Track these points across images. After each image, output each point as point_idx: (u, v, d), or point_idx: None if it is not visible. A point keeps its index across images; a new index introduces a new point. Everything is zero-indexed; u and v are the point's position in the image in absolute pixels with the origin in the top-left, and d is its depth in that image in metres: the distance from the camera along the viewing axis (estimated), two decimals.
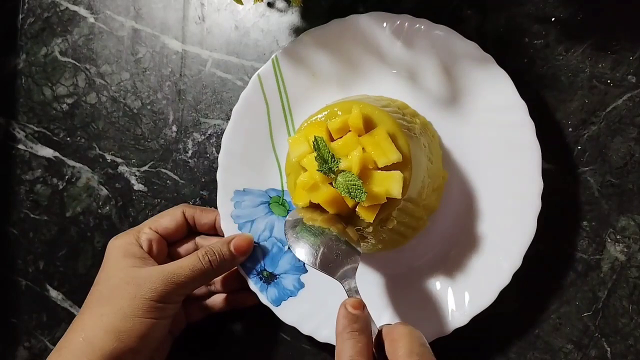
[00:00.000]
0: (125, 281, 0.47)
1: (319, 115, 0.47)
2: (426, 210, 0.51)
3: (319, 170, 0.44)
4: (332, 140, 0.45)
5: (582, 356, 0.52)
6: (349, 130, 0.45)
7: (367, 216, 0.44)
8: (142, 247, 0.51)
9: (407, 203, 0.47)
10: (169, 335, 0.53)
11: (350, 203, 0.44)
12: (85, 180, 0.61)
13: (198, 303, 0.56)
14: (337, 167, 0.43)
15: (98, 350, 0.45)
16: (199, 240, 0.55)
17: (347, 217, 0.46)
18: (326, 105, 0.49)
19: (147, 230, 0.53)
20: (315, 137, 0.44)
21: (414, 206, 0.49)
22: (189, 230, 0.55)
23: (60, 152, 0.62)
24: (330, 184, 0.44)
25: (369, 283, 0.53)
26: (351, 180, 0.42)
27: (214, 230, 0.55)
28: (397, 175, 0.43)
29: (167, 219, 0.54)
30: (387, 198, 0.43)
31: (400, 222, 0.48)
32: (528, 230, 0.49)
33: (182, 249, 0.55)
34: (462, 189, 0.52)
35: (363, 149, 0.44)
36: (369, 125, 0.45)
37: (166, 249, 0.54)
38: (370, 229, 0.46)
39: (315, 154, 0.44)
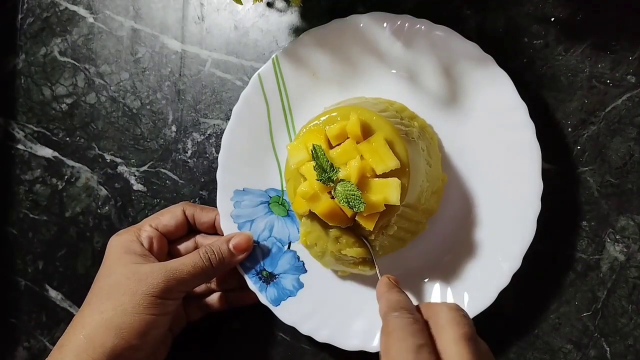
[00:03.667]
0: (126, 277, 0.48)
1: (317, 121, 0.47)
2: (425, 214, 0.51)
3: (318, 180, 0.44)
4: (331, 147, 0.46)
5: (582, 356, 0.52)
6: (348, 137, 0.45)
7: (367, 224, 0.44)
8: (142, 245, 0.51)
9: (406, 208, 0.47)
10: (169, 333, 0.53)
11: (349, 213, 0.44)
12: (84, 180, 0.61)
13: (198, 302, 0.56)
14: (336, 176, 0.44)
15: (99, 347, 0.45)
16: (199, 238, 0.55)
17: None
18: (324, 110, 0.49)
19: (148, 227, 0.53)
20: (313, 145, 0.44)
21: (413, 211, 0.49)
22: (189, 229, 0.56)
23: (60, 152, 0.62)
24: (329, 192, 0.45)
25: (369, 285, 0.53)
26: (350, 190, 0.43)
27: (213, 229, 0.55)
28: (394, 182, 0.43)
29: (168, 217, 0.54)
30: (385, 205, 0.44)
31: (399, 227, 0.48)
32: (527, 232, 0.49)
33: (182, 247, 0.55)
34: (462, 191, 0.52)
35: (361, 156, 0.44)
36: (367, 132, 0.45)
37: (166, 246, 0.54)
38: (372, 236, 0.46)
39: (314, 163, 0.44)
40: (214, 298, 0.56)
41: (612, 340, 0.52)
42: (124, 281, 0.47)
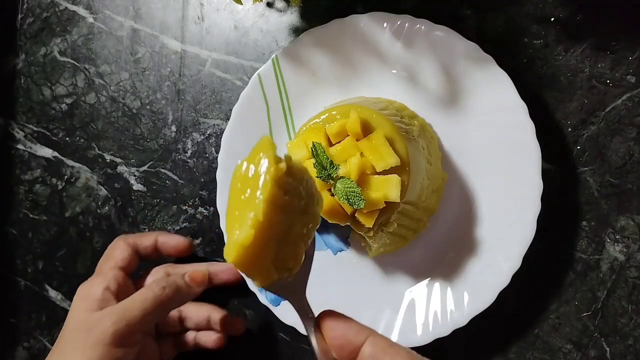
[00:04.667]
0: (76, 329, 0.45)
1: (317, 119, 0.47)
2: (426, 212, 0.51)
3: (317, 177, 0.44)
4: (331, 144, 0.46)
5: (582, 356, 0.52)
6: (348, 135, 0.45)
7: (366, 222, 0.44)
8: (108, 288, 0.48)
9: (406, 206, 0.47)
10: None
11: (349, 210, 0.44)
12: (84, 180, 0.61)
13: (172, 340, 0.54)
14: (336, 173, 0.44)
15: None
16: (170, 269, 0.54)
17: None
18: (324, 109, 0.49)
19: (109, 270, 0.51)
20: (313, 143, 0.44)
21: (414, 208, 0.49)
22: (161, 260, 0.55)
23: (60, 152, 0.62)
24: (329, 190, 0.45)
25: (369, 285, 0.53)
26: (350, 187, 0.43)
27: (156, 253, 0.54)
28: (394, 179, 0.43)
29: (118, 251, 0.52)
30: (385, 202, 0.44)
31: (400, 224, 0.48)
32: (528, 232, 0.49)
33: (149, 280, 0.53)
34: (462, 190, 0.52)
35: (361, 153, 0.44)
36: (367, 129, 0.45)
37: (132, 285, 0.52)
38: (371, 233, 0.46)
39: (313, 160, 0.44)
40: (188, 337, 0.54)
41: (612, 340, 0.52)
42: (75, 334, 0.45)
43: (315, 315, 0.33)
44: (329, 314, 0.32)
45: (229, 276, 0.55)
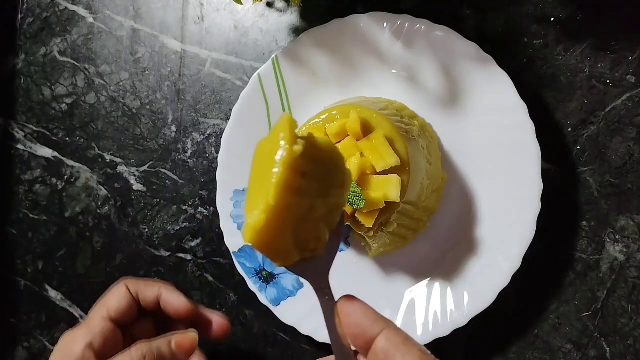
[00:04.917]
0: None
1: (317, 119, 0.47)
2: (426, 212, 0.51)
3: None
4: None
5: (582, 356, 0.52)
6: (348, 135, 0.45)
7: (366, 222, 0.44)
8: (91, 346, 0.44)
9: (406, 205, 0.47)
10: None
11: (349, 210, 0.44)
12: (84, 180, 0.61)
13: None
14: None
15: None
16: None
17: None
18: (324, 109, 0.49)
19: (98, 321, 0.45)
20: None
21: (414, 208, 0.49)
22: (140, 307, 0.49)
23: (60, 152, 0.62)
24: None
25: (369, 284, 0.53)
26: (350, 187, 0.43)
27: (159, 307, 0.48)
28: (394, 179, 0.43)
29: (115, 299, 0.46)
30: (385, 202, 0.44)
31: (400, 224, 0.48)
32: (528, 232, 0.49)
33: (138, 333, 0.48)
34: (462, 190, 0.52)
35: (361, 153, 0.44)
36: (367, 129, 0.45)
37: (121, 339, 0.46)
38: (371, 233, 0.46)
39: None
40: None
41: (612, 340, 0.52)
42: None
43: (336, 299, 0.32)
44: (348, 299, 0.31)
45: (218, 329, 0.49)
